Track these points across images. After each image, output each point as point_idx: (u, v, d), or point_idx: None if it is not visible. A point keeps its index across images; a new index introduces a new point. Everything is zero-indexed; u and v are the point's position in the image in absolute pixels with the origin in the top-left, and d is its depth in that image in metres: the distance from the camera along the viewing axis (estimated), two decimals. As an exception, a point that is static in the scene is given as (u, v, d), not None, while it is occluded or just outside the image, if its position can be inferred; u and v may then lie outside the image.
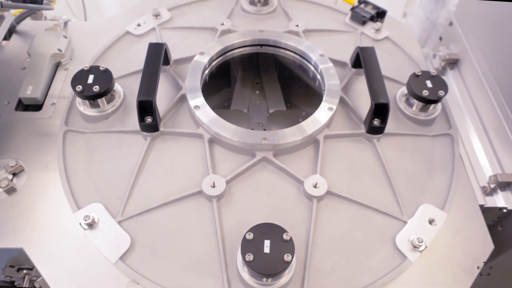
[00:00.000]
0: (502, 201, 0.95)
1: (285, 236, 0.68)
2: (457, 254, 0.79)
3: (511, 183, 0.97)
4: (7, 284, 0.86)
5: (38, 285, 0.82)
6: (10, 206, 0.82)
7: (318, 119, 0.88)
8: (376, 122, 0.89)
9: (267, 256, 0.67)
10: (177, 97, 0.94)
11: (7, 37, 1.14)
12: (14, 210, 0.82)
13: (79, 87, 0.88)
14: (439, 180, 0.88)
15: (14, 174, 0.86)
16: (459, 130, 1.05)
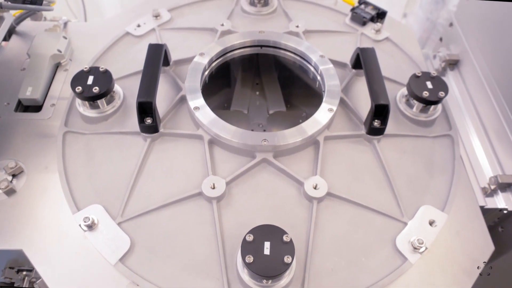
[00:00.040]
0: (502, 202, 0.95)
1: (285, 237, 0.68)
2: (457, 256, 0.79)
3: (512, 184, 0.97)
4: (7, 285, 0.85)
5: (37, 286, 0.82)
6: (10, 208, 0.82)
7: (318, 120, 0.88)
8: (376, 123, 0.88)
9: (267, 258, 0.66)
10: (177, 98, 0.94)
11: (7, 37, 1.14)
12: (14, 211, 0.81)
13: (79, 88, 0.88)
14: (440, 181, 0.88)
15: (14, 176, 0.86)
16: (460, 131, 1.05)
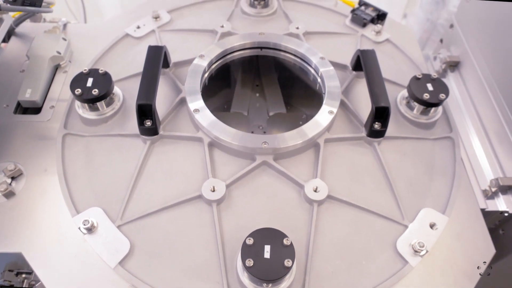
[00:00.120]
0: (503, 204, 0.95)
1: (285, 241, 0.68)
2: (458, 259, 0.78)
3: (513, 187, 0.97)
4: (6, 288, 0.85)
5: (37, 289, 0.82)
6: (9, 210, 0.82)
7: (318, 123, 0.88)
8: (376, 126, 0.88)
9: (268, 261, 0.66)
10: (176, 100, 0.94)
11: (6, 39, 1.13)
12: (13, 214, 0.81)
13: (78, 91, 0.88)
14: (440, 183, 0.87)
15: (13, 178, 0.86)
16: (460, 133, 1.04)
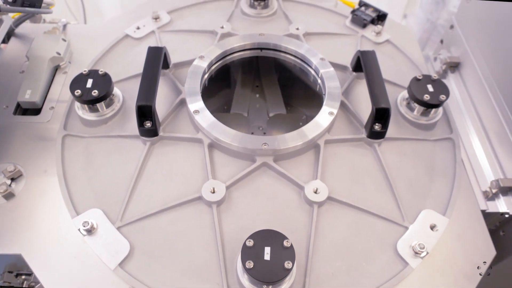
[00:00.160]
0: (504, 206, 0.94)
1: (285, 243, 0.68)
2: (459, 260, 0.78)
3: (513, 188, 0.96)
4: (6, 289, 0.85)
5: (36, 290, 0.82)
6: (9, 212, 0.82)
7: (318, 124, 0.87)
8: (377, 127, 0.88)
9: (268, 263, 0.66)
10: (176, 101, 0.94)
11: (6, 40, 1.13)
12: (13, 215, 0.81)
13: (78, 92, 0.88)
14: (441, 185, 0.87)
15: (13, 179, 0.85)
16: (461, 134, 1.04)
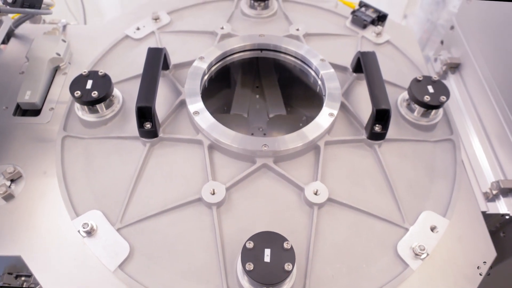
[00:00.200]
0: (504, 207, 0.94)
1: (285, 244, 0.68)
2: (459, 262, 0.78)
3: (514, 189, 0.96)
4: (5, 291, 0.85)
5: (36, 292, 0.82)
6: (8, 213, 0.81)
7: (319, 125, 0.87)
8: (377, 128, 0.88)
9: (268, 265, 0.66)
10: (176, 102, 0.94)
11: (5, 41, 1.13)
12: (12, 217, 0.81)
13: (78, 93, 0.88)
14: (441, 186, 0.87)
15: (12, 181, 0.85)
16: (461, 135, 1.04)
